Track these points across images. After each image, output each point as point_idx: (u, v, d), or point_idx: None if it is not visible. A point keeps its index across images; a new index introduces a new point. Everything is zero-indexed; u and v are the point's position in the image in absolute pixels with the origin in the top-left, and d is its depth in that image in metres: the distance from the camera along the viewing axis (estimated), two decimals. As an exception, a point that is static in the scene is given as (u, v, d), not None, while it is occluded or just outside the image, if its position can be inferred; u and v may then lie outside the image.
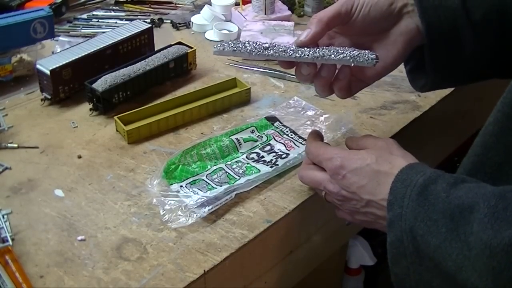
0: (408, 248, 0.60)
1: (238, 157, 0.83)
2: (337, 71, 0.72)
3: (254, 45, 0.70)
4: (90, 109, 0.93)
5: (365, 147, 0.70)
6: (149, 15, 1.26)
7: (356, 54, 0.68)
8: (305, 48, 0.69)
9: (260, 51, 0.70)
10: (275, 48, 0.70)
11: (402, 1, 0.70)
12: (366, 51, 0.69)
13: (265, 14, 1.20)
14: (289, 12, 1.23)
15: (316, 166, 0.72)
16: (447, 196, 0.58)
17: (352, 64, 0.69)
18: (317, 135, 0.76)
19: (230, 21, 1.21)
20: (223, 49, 0.70)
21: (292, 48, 0.70)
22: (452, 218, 0.57)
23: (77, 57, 0.95)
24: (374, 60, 0.68)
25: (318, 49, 0.69)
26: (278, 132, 0.87)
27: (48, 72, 0.92)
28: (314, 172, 0.72)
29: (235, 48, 0.70)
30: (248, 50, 0.70)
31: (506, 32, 0.69)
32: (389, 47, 0.71)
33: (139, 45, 1.03)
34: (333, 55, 0.69)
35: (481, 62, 0.72)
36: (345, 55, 0.68)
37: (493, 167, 0.65)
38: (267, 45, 0.70)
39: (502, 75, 0.74)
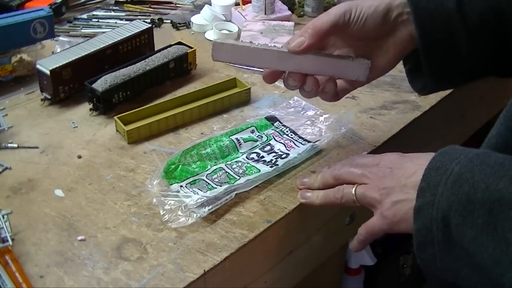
0: (437, 236, 0.58)
1: (238, 157, 0.83)
2: (322, 86, 0.74)
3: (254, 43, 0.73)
4: (90, 109, 0.93)
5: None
6: (149, 15, 1.26)
7: (350, 64, 0.72)
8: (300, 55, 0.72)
9: (259, 44, 0.71)
10: (275, 46, 0.72)
11: (397, 10, 0.70)
12: (360, 60, 0.72)
13: (265, 14, 1.20)
14: (289, 12, 1.23)
15: None
16: (486, 187, 0.56)
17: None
18: None
19: (230, 21, 1.21)
20: (223, 43, 0.72)
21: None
22: (490, 212, 0.55)
23: (77, 57, 0.95)
24: (368, 67, 0.72)
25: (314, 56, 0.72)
26: (278, 132, 0.87)
27: (48, 72, 0.92)
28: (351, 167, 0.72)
29: (236, 38, 0.71)
30: (248, 42, 0.72)
31: (502, 34, 0.69)
32: (381, 53, 0.73)
33: (139, 45, 1.03)
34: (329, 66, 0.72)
35: (478, 64, 0.71)
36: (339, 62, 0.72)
37: None
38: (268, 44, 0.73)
39: (499, 74, 0.74)
